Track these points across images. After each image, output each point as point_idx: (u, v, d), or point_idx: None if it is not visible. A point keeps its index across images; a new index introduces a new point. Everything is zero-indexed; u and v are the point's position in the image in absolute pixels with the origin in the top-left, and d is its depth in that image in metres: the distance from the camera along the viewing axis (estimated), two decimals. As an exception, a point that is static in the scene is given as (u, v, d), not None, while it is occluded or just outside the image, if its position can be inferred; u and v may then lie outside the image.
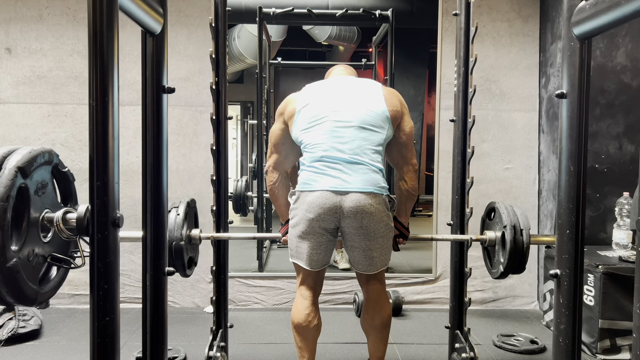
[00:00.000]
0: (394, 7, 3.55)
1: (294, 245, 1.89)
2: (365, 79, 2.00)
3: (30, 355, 2.49)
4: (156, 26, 1.31)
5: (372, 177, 1.80)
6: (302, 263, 1.88)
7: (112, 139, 0.99)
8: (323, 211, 1.77)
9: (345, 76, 2.01)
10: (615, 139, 2.90)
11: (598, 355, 2.51)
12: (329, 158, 1.80)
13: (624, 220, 2.68)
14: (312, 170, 1.82)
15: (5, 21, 3.19)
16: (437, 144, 3.32)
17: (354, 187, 1.77)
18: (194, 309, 3.25)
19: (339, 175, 1.78)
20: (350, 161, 1.79)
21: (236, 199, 4.00)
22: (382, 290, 1.96)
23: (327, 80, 2.01)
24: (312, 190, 1.80)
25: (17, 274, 1.12)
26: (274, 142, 1.97)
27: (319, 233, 1.82)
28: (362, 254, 1.84)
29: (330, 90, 1.90)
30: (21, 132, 3.21)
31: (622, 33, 2.86)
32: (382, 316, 1.94)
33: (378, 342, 1.98)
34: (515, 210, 1.91)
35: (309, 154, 1.85)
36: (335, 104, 1.85)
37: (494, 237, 1.96)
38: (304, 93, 1.93)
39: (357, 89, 1.89)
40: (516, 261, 1.87)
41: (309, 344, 1.93)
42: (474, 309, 3.24)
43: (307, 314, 1.90)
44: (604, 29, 1.21)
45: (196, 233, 1.95)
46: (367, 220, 1.77)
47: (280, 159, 1.98)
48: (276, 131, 1.96)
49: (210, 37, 2.06)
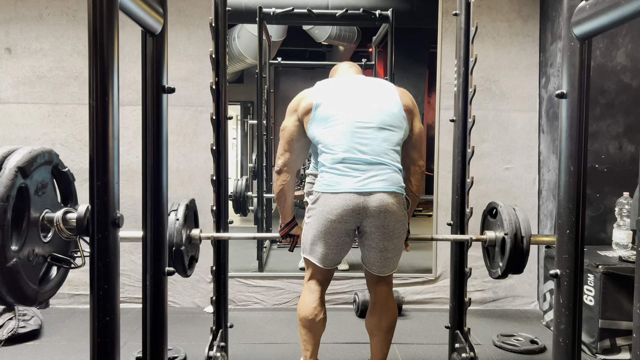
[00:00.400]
0: (394, 7, 3.55)
1: (308, 243, 1.89)
2: (377, 78, 2.00)
3: (30, 355, 2.49)
4: (156, 26, 1.31)
5: (394, 176, 1.81)
6: (315, 261, 1.89)
7: (112, 139, 0.99)
8: (346, 213, 1.77)
9: (356, 75, 2.00)
10: (615, 139, 2.90)
11: (598, 355, 2.51)
12: (351, 159, 1.79)
13: (624, 220, 2.68)
14: (335, 172, 1.81)
15: (5, 21, 3.19)
16: (437, 144, 3.32)
17: (378, 187, 1.78)
18: (194, 309, 3.25)
19: (362, 176, 1.78)
20: (372, 162, 1.79)
21: (236, 199, 4.00)
22: (390, 293, 1.97)
23: (340, 78, 1.98)
24: (335, 192, 1.78)
25: (17, 274, 1.12)
26: (287, 140, 1.91)
27: (337, 235, 1.82)
28: (378, 255, 1.86)
29: (346, 90, 1.88)
30: (21, 132, 3.21)
31: (622, 33, 2.86)
32: (389, 318, 1.95)
33: (382, 344, 1.98)
34: (514, 209, 1.91)
35: (329, 155, 1.83)
36: (354, 104, 1.83)
37: (494, 237, 1.96)
38: (318, 90, 1.90)
39: (373, 88, 1.89)
40: (516, 262, 1.87)
41: (314, 338, 1.95)
42: (474, 309, 3.24)
43: (314, 307, 1.91)
44: (604, 29, 1.21)
45: (196, 233, 1.96)
46: (389, 220, 1.79)
47: (293, 158, 1.93)
48: (290, 127, 1.91)
49: (210, 37, 2.05)
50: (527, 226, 1.86)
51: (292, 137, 1.91)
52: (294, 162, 1.94)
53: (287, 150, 1.92)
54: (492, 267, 2.02)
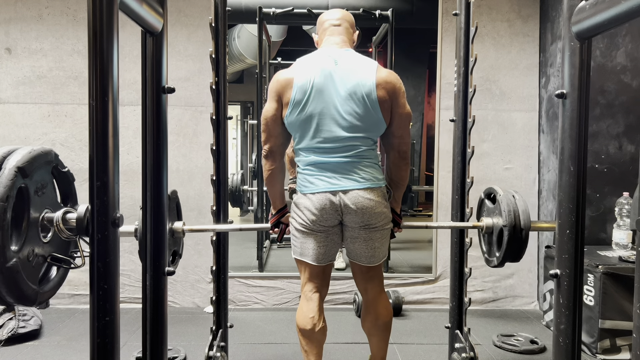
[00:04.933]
0: (394, 7, 3.55)
1: (298, 243, 1.87)
2: (361, 57, 1.84)
3: (30, 355, 2.49)
4: (156, 26, 1.31)
5: (367, 172, 1.80)
6: (308, 259, 1.86)
7: (112, 139, 0.99)
8: (325, 212, 1.78)
9: (340, 50, 1.85)
10: (615, 139, 2.90)
11: (598, 355, 2.51)
12: (321, 160, 1.79)
13: (624, 220, 2.69)
14: (307, 172, 1.82)
15: (5, 21, 3.19)
16: (437, 143, 3.32)
17: (353, 184, 1.77)
18: (194, 309, 3.25)
19: (334, 176, 1.78)
20: (342, 162, 1.78)
21: (232, 192, 4.00)
22: (382, 290, 1.96)
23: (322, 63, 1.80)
24: (312, 193, 1.79)
25: (17, 274, 1.12)
26: (269, 124, 1.82)
27: (323, 231, 1.82)
28: (363, 244, 1.84)
29: (324, 85, 1.76)
30: (21, 132, 3.21)
31: (622, 33, 2.86)
32: (384, 316, 1.94)
33: (381, 342, 1.97)
34: (514, 197, 1.83)
35: (302, 156, 1.83)
36: (327, 104, 1.76)
37: (492, 224, 1.91)
38: (301, 80, 1.77)
39: (351, 80, 1.77)
40: (514, 249, 1.81)
41: (315, 348, 1.89)
42: (474, 309, 3.24)
43: (312, 317, 1.86)
44: (604, 28, 1.21)
45: (179, 226, 1.81)
46: (369, 215, 1.78)
47: (280, 141, 1.85)
48: (271, 111, 1.81)
49: (210, 37, 2.05)
50: (526, 217, 1.79)
51: (274, 121, 1.82)
52: (282, 145, 1.87)
53: (272, 134, 1.84)
54: (489, 255, 1.96)
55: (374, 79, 1.77)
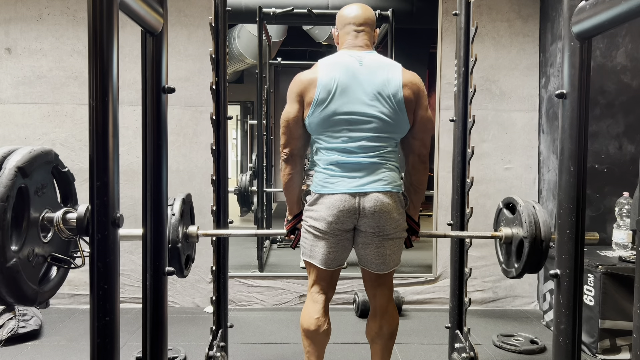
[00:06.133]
0: (394, 7, 3.55)
1: (308, 245, 1.83)
2: (385, 58, 1.84)
3: (30, 355, 2.49)
4: (156, 26, 1.31)
5: (389, 175, 1.78)
6: (317, 262, 1.82)
7: (112, 139, 0.99)
8: (342, 214, 1.74)
9: (363, 52, 1.82)
10: (615, 139, 2.90)
11: (598, 355, 2.51)
12: (344, 160, 1.76)
13: (624, 220, 2.69)
14: (329, 172, 1.78)
15: (5, 21, 3.19)
16: (437, 144, 3.32)
17: (373, 187, 1.75)
18: (194, 309, 3.25)
19: (357, 176, 1.75)
20: (366, 162, 1.76)
21: (241, 193, 4.00)
22: (391, 298, 1.91)
23: (346, 63, 1.78)
24: (331, 194, 1.75)
25: (17, 274, 1.12)
26: (290, 126, 1.80)
27: (336, 235, 1.78)
28: (375, 251, 1.80)
29: (349, 84, 1.75)
30: (21, 132, 3.21)
31: (622, 33, 2.86)
32: (390, 325, 1.89)
33: (384, 352, 1.91)
34: (534, 207, 1.80)
35: (323, 155, 1.79)
36: (352, 102, 1.74)
37: (511, 235, 1.87)
38: (324, 79, 1.76)
39: (376, 80, 1.76)
40: (534, 261, 1.77)
41: (318, 349, 1.87)
42: (474, 309, 3.24)
43: (317, 319, 1.84)
44: (604, 28, 1.21)
45: (194, 230, 1.86)
46: (385, 220, 1.75)
47: (301, 144, 1.82)
48: (292, 113, 1.79)
49: (210, 37, 2.05)
50: (547, 228, 1.74)
51: (297, 123, 1.81)
52: (302, 149, 1.85)
53: (293, 137, 1.81)
54: (508, 265, 1.93)
55: (400, 79, 1.77)
